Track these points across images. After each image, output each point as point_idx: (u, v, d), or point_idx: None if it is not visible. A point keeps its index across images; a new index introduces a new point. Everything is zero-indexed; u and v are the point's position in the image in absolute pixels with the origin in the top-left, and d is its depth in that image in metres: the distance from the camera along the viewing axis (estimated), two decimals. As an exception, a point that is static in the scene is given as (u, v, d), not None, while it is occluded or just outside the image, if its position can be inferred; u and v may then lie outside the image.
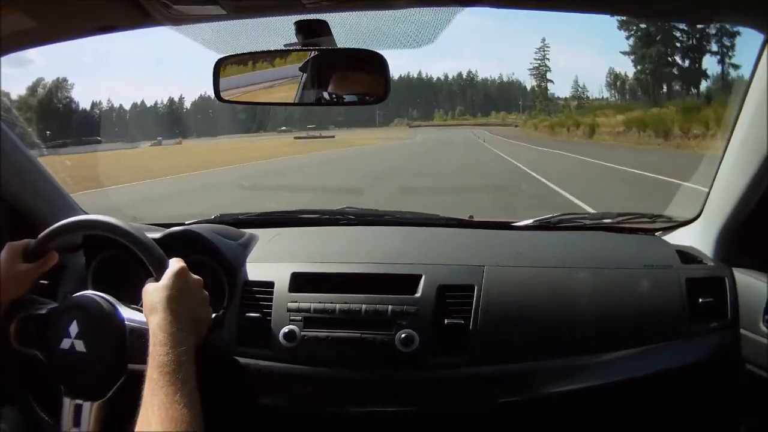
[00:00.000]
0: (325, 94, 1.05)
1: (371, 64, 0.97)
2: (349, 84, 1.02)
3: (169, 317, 0.94)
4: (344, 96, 1.03)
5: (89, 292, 1.12)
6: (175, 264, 1.02)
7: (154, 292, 0.98)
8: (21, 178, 1.41)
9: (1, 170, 1.34)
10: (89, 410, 1.05)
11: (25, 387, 1.15)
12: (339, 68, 1.01)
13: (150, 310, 0.97)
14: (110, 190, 10.46)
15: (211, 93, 1.09)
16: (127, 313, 1.08)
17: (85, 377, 1.05)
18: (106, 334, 1.05)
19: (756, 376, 1.19)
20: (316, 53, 0.99)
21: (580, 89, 55.36)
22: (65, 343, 1.04)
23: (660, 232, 1.57)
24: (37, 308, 1.11)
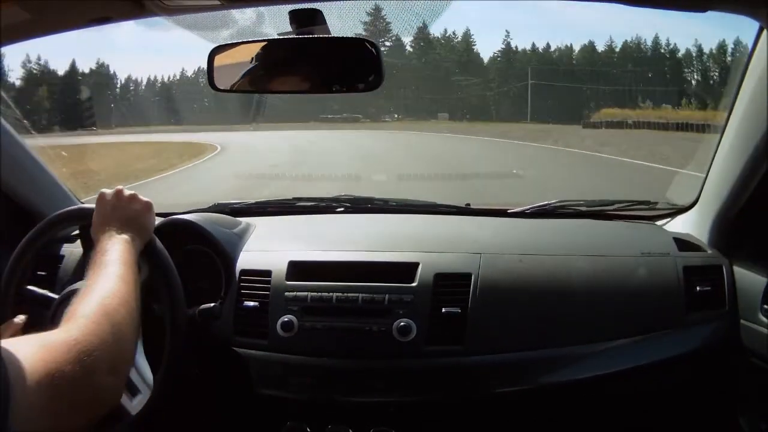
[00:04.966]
0: (320, 83, 1.06)
1: (365, 52, 0.98)
2: (342, 72, 1.02)
3: (108, 230, 1.06)
4: (338, 84, 1.04)
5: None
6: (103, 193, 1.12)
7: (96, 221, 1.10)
8: (18, 170, 1.41)
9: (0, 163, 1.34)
10: None
11: None
12: (333, 57, 1.01)
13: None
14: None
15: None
16: None
17: None
18: None
19: (755, 365, 1.19)
20: (310, 42, 0.99)
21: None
22: None
23: (658, 219, 1.57)
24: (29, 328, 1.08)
